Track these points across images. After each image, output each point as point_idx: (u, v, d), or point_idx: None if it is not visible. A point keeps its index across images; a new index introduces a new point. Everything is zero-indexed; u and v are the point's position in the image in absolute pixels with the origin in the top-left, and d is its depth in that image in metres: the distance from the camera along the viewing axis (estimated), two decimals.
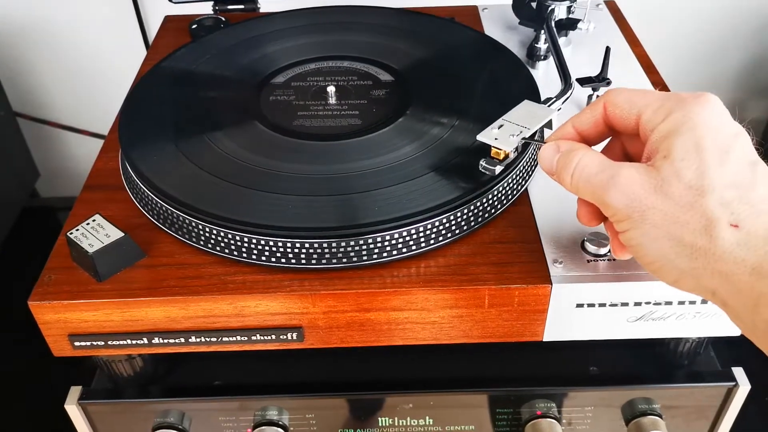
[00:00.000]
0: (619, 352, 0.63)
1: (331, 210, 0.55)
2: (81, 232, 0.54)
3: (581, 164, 0.45)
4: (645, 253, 0.43)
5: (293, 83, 0.70)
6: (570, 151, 0.47)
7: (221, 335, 0.55)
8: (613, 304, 0.53)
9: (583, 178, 0.45)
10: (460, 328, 0.55)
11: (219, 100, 0.68)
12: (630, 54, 0.78)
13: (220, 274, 0.54)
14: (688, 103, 0.43)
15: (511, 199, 0.58)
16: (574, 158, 0.46)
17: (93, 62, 1.20)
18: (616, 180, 0.43)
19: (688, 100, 0.43)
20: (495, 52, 0.73)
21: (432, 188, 0.56)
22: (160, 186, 0.57)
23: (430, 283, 0.53)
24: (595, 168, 0.45)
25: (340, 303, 0.53)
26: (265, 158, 0.60)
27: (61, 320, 0.54)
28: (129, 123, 0.65)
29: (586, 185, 0.45)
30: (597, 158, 0.45)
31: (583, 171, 0.45)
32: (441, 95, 0.67)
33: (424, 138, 0.61)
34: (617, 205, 0.43)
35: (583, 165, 0.45)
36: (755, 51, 1.22)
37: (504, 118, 0.57)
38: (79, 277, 0.54)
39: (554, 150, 0.48)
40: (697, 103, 0.43)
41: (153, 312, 0.53)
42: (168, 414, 0.62)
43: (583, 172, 0.45)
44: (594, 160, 0.45)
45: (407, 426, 0.63)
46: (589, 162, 0.45)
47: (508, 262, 0.54)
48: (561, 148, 0.48)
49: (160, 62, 0.73)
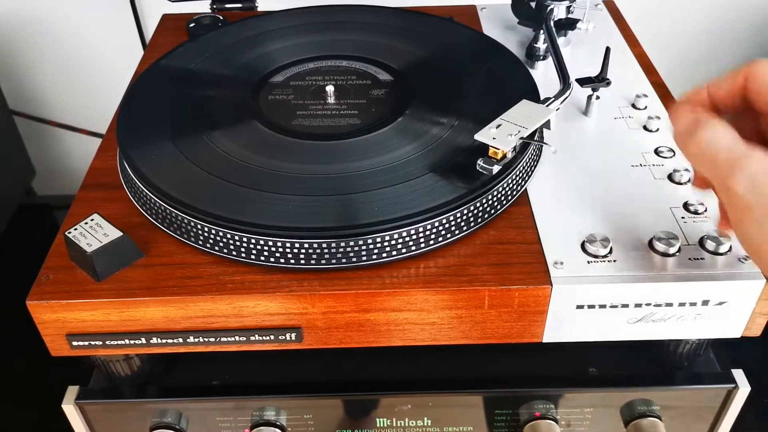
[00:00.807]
0: (619, 353, 0.63)
1: (331, 210, 0.54)
2: (79, 232, 0.54)
3: (709, 136, 0.41)
4: (757, 246, 0.40)
5: (292, 82, 0.70)
6: (700, 119, 0.42)
7: (220, 335, 0.54)
8: (613, 306, 0.53)
9: (709, 151, 0.41)
10: (459, 329, 0.55)
11: (217, 99, 0.68)
12: (629, 54, 0.78)
13: (219, 274, 0.54)
14: None
15: (510, 200, 0.58)
16: (704, 128, 0.41)
17: (90, 60, 1.19)
18: (745, 164, 0.39)
19: None
20: (494, 51, 0.73)
21: (431, 188, 0.56)
22: (159, 185, 0.57)
23: (429, 283, 0.53)
24: (725, 144, 0.40)
25: (339, 303, 0.53)
26: (264, 158, 0.60)
27: (59, 320, 0.53)
28: (127, 122, 0.64)
29: (710, 161, 0.41)
30: (729, 134, 0.41)
31: (710, 144, 0.41)
32: (440, 95, 0.67)
33: (424, 138, 0.61)
34: (740, 191, 0.39)
35: (710, 137, 0.41)
36: (753, 50, 1.22)
37: (502, 118, 0.57)
38: (77, 277, 0.54)
39: (688, 111, 0.43)
40: None
41: (151, 312, 0.53)
42: (165, 414, 0.61)
43: (710, 146, 0.41)
44: (725, 136, 0.40)
45: (405, 427, 0.63)
46: (719, 136, 0.41)
47: (508, 262, 0.54)
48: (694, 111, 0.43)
49: (158, 60, 0.73)
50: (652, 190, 0.59)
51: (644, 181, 0.60)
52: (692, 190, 0.59)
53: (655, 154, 0.63)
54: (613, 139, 0.65)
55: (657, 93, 0.72)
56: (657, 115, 0.67)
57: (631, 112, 0.69)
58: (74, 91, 1.23)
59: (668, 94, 0.72)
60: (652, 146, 0.64)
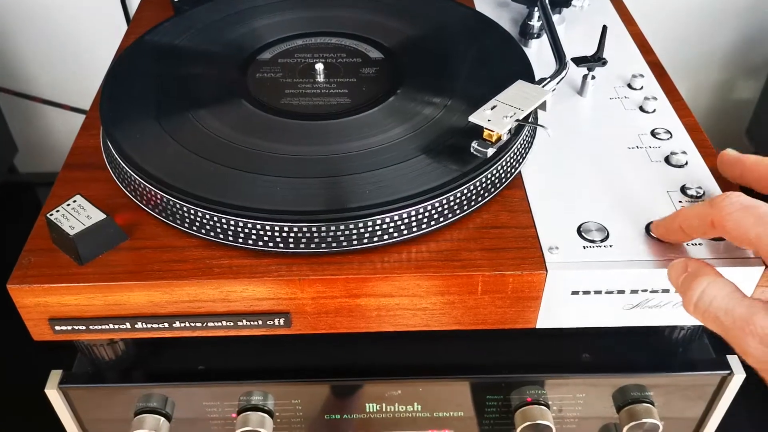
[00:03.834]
0: (612, 338, 0.62)
1: (320, 193, 0.53)
2: (61, 214, 0.52)
3: (706, 294, 0.43)
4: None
5: (280, 60, 0.68)
6: (696, 275, 0.44)
7: (206, 320, 0.53)
8: (609, 292, 0.52)
9: (710, 310, 0.42)
10: (451, 315, 0.54)
11: (204, 76, 0.66)
12: (625, 33, 0.77)
13: (206, 257, 0.52)
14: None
15: (504, 183, 0.57)
16: (699, 285, 0.43)
17: (73, 35, 1.16)
18: (754, 329, 0.40)
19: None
20: (489, 30, 0.72)
21: (423, 171, 0.54)
22: (143, 165, 0.55)
23: (421, 269, 0.51)
24: (724, 303, 0.42)
25: (329, 289, 0.52)
26: (252, 138, 0.58)
27: (41, 304, 0.52)
28: (110, 100, 0.62)
29: (713, 320, 0.42)
30: (725, 289, 0.42)
31: (710, 304, 0.42)
32: (432, 74, 0.65)
33: (415, 119, 0.60)
34: (759, 355, 0.40)
35: (709, 296, 0.42)
36: (745, 30, 1.20)
37: (497, 99, 0.55)
38: (59, 260, 0.52)
39: (682, 268, 0.46)
40: None
41: (136, 296, 0.52)
42: (151, 398, 0.60)
43: (710, 306, 0.42)
44: (721, 292, 0.42)
45: (395, 412, 0.62)
46: (716, 293, 0.42)
47: (502, 247, 0.53)
48: (689, 267, 0.45)
49: (143, 36, 0.70)
50: (649, 173, 0.58)
51: (641, 164, 0.59)
52: (690, 173, 0.58)
53: (652, 135, 0.62)
54: (609, 120, 0.64)
55: (653, 73, 0.70)
56: (653, 95, 0.66)
57: (627, 92, 0.68)
58: (57, 66, 1.20)
59: (665, 74, 0.71)
60: (649, 128, 0.63)
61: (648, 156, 0.60)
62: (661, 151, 0.60)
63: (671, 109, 0.65)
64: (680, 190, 0.56)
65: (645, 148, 0.61)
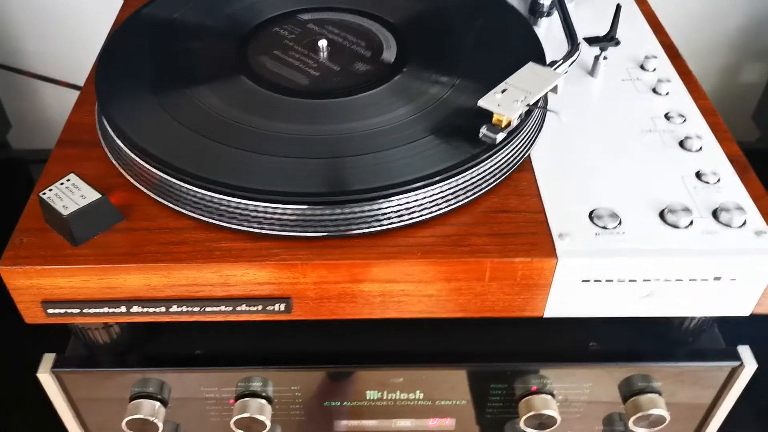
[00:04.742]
0: (620, 326, 0.60)
1: (324, 174, 0.51)
2: (54, 193, 0.50)
3: None
4: None
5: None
6: None
7: (204, 305, 0.51)
8: (620, 281, 0.50)
9: None
10: (457, 302, 0.52)
11: (203, 51, 0.64)
12: (637, 12, 0.75)
13: (205, 240, 0.51)
14: None
15: (513, 166, 0.55)
16: None
17: (68, 7, 1.14)
18: None
19: None
20: (498, 8, 0.69)
21: (430, 154, 0.52)
22: (140, 143, 0.53)
23: (428, 254, 0.50)
24: None
25: (331, 273, 0.50)
26: (253, 116, 0.56)
27: (34, 286, 0.50)
28: (106, 75, 0.60)
29: None
30: None
31: None
32: (439, 53, 0.63)
33: (422, 99, 0.58)
34: None
35: None
36: (753, 13, 1.18)
37: (507, 82, 0.54)
38: (53, 241, 0.50)
39: None
40: None
41: (132, 279, 0.50)
42: (147, 383, 0.59)
43: None
44: None
45: (396, 400, 0.60)
46: None
47: (511, 233, 0.51)
48: None
49: (140, 9, 0.68)
50: (663, 158, 0.57)
51: (654, 148, 0.57)
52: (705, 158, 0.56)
53: (665, 119, 0.60)
54: (621, 103, 0.62)
55: (667, 54, 0.68)
56: (667, 78, 0.64)
57: (640, 74, 0.66)
58: (51, 40, 1.17)
59: (677, 55, 0.69)
60: (662, 111, 0.61)
61: (662, 140, 0.58)
62: (675, 135, 0.59)
63: (686, 92, 0.64)
64: (695, 176, 0.55)
65: (659, 132, 0.59)
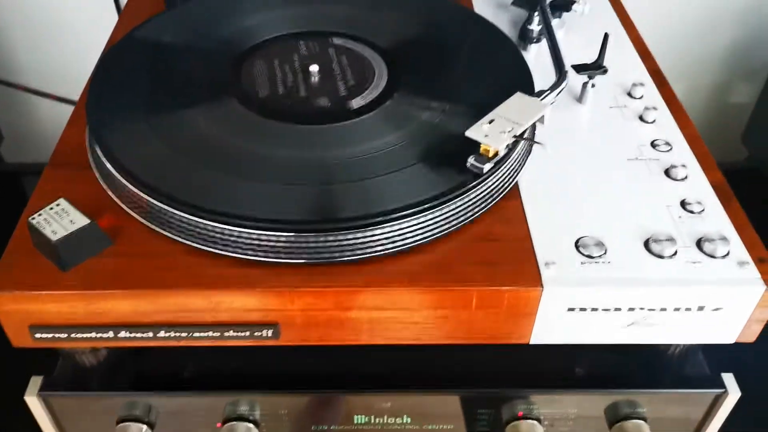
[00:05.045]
0: (606, 353, 0.60)
1: (313, 201, 0.52)
2: (44, 218, 0.51)
3: None
4: None
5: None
6: None
7: (192, 330, 0.52)
8: (605, 309, 0.51)
9: None
10: (444, 329, 0.52)
11: (195, 75, 0.64)
12: (625, 38, 0.76)
13: (193, 265, 0.51)
14: None
15: (501, 193, 0.55)
16: None
17: (63, 22, 1.14)
18: None
19: None
20: (489, 34, 0.70)
21: (418, 181, 0.53)
22: (130, 168, 0.53)
23: (415, 282, 0.50)
24: None
25: (319, 300, 0.50)
26: (243, 141, 0.57)
27: (22, 311, 0.50)
28: (97, 97, 0.61)
29: None
30: None
31: None
32: (429, 80, 0.64)
33: (411, 125, 0.58)
34: None
35: None
36: (743, 34, 1.19)
37: (495, 113, 0.54)
38: (41, 265, 0.51)
39: None
40: None
41: (120, 305, 0.50)
42: (134, 406, 0.58)
43: None
44: None
45: (384, 424, 0.61)
46: None
47: (497, 261, 0.51)
48: None
49: (132, 31, 0.68)
50: (649, 186, 0.57)
51: (640, 176, 0.58)
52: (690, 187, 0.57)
53: (652, 147, 0.61)
54: (608, 130, 0.63)
55: (654, 81, 0.69)
56: (654, 105, 0.65)
57: (627, 101, 0.66)
58: (45, 55, 1.18)
59: (665, 82, 0.69)
60: (648, 139, 0.62)
61: (648, 168, 0.59)
62: (661, 164, 0.59)
63: (671, 120, 0.64)
64: (680, 205, 0.55)
65: (645, 160, 0.59)
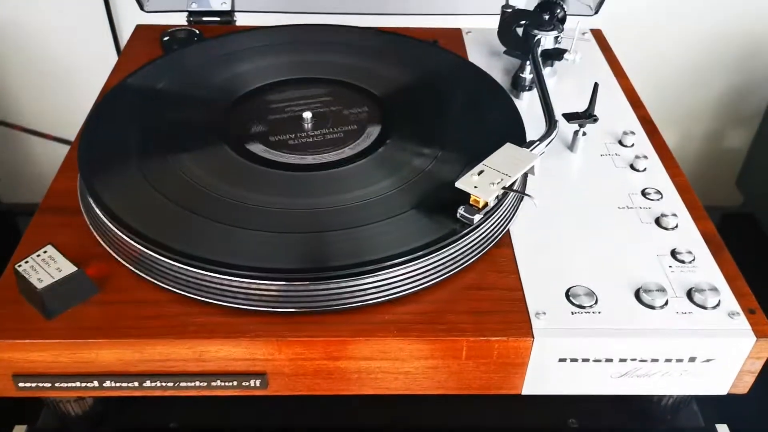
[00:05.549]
0: (600, 404, 0.60)
1: (301, 249, 0.51)
2: (30, 265, 0.50)
3: None
4: None
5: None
6: None
7: (179, 380, 0.51)
8: (597, 360, 0.50)
9: None
10: (434, 379, 0.52)
11: (187, 122, 0.64)
12: (616, 87, 0.76)
13: (180, 314, 0.50)
14: None
15: (492, 242, 0.55)
16: None
17: (61, 65, 1.15)
18: None
19: None
20: (482, 83, 0.70)
21: (408, 229, 0.53)
22: (119, 215, 0.53)
23: (404, 331, 0.50)
24: None
25: (308, 350, 0.50)
26: (234, 188, 0.56)
27: (5, 359, 0.49)
28: (88, 145, 0.60)
29: None
30: None
31: None
32: (421, 127, 0.64)
33: (402, 172, 0.58)
34: None
35: None
36: (737, 80, 1.20)
37: (484, 164, 0.54)
38: (26, 313, 0.50)
39: None
40: None
41: (105, 354, 0.49)
42: None
43: None
44: None
45: None
46: None
47: (488, 311, 0.51)
48: None
49: (126, 79, 0.69)
50: (640, 235, 0.57)
51: (631, 225, 0.58)
52: (680, 236, 0.56)
53: (642, 195, 0.61)
54: (600, 179, 0.63)
55: (644, 129, 0.69)
56: (644, 154, 0.65)
57: (618, 149, 0.66)
58: (43, 96, 1.18)
59: (656, 131, 0.69)
60: (639, 187, 0.62)
61: (639, 217, 0.59)
62: (652, 213, 0.59)
63: (662, 168, 0.64)
64: (670, 254, 0.55)
65: (636, 209, 0.59)
